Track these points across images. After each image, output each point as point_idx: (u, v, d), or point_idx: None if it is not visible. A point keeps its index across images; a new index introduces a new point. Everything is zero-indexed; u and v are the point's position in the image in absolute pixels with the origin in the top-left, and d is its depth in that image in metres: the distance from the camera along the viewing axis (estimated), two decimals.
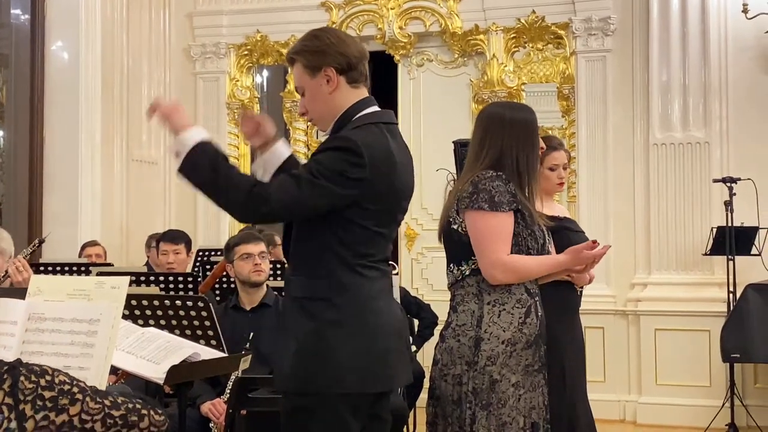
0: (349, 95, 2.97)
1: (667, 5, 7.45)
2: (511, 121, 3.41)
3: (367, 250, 2.90)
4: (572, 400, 4.22)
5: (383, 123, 2.96)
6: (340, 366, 2.83)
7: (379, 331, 2.89)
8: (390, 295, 3.01)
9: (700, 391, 7.15)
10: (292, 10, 8.49)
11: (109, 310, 2.52)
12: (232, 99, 8.66)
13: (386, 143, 2.90)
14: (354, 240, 2.87)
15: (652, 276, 7.46)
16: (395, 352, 2.94)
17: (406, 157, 3.03)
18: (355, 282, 2.87)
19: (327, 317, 2.85)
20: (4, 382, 1.67)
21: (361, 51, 3.01)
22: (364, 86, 3.01)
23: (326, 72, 2.94)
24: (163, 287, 5.07)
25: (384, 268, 2.97)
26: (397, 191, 2.94)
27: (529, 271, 3.31)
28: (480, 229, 3.26)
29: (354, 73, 2.97)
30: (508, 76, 8.01)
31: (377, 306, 2.91)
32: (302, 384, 2.87)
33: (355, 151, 2.80)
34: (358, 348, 2.84)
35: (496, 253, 3.23)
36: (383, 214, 2.91)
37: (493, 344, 3.23)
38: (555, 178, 4.52)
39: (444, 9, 8.17)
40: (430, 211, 7.99)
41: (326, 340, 2.84)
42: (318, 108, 3.00)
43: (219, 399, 4.57)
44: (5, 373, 1.68)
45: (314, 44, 2.98)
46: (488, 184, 3.27)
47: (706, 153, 7.33)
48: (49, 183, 7.78)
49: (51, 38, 7.86)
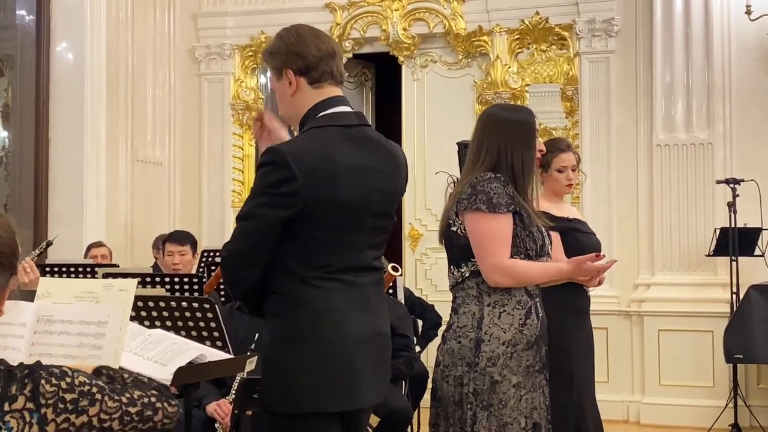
0: (310, 96, 2.85)
1: (671, 7, 7.46)
2: (507, 121, 3.41)
3: (321, 261, 2.75)
4: (580, 400, 4.24)
5: (338, 125, 2.82)
6: (297, 384, 2.73)
7: (339, 345, 2.74)
8: (362, 308, 2.82)
9: (704, 392, 7.16)
10: (297, 12, 8.50)
11: (116, 312, 2.55)
12: (236, 100, 8.67)
13: (324, 147, 2.75)
14: (303, 251, 2.74)
15: (656, 277, 7.48)
16: (361, 367, 2.78)
17: (372, 159, 2.86)
18: (310, 295, 2.74)
19: (282, 334, 2.76)
20: (25, 386, 1.65)
21: (322, 49, 2.86)
22: (330, 85, 2.87)
23: (287, 75, 2.85)
24: (169, 288, 5.08)
25: (352, 279, 2.80)
26: (346, 196, 2.75)
27: (530, 276, 3.31)
28: (480, 232, 3.27)
29: (314, 73, 2.84)
30: (511, 77, 8.03)
31: (337, 318, 2.75)
32: (267, 404, 2.82)
33: (282, 163, 2.69)
34: (314, 364, 2.72)
35: (497, 257, 3.24)
36: (335, 222, 2.75)
37: (493, 345, 3.24)
38: (563, 180, 4.53)
39: (448, 10, 8.19)
40: (433, 212, 8.00)
41: (283, 358, 2.75)
42: (285, 111, 2.94)
43: (224, 399, 4.59)
44: (26, 377, 1.66)
45: (276, 46, 2.90)
46: (486, 186, 3.28)
47: (710, 154, 7.34)
48: (54, 183, 7.81)
49: (56, 39, 7.88)
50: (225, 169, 8.63)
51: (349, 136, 2.83)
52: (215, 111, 8.69)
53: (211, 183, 8.66)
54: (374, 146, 2.91)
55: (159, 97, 8.54)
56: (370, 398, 2.88)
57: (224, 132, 8.64)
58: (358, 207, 2.79)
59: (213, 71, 8.72)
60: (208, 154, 8.69)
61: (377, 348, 2.88)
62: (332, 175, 2.73)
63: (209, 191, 8.66)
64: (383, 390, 2.95)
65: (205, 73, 8.75)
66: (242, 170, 8.69)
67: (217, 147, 8.64)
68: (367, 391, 2.83)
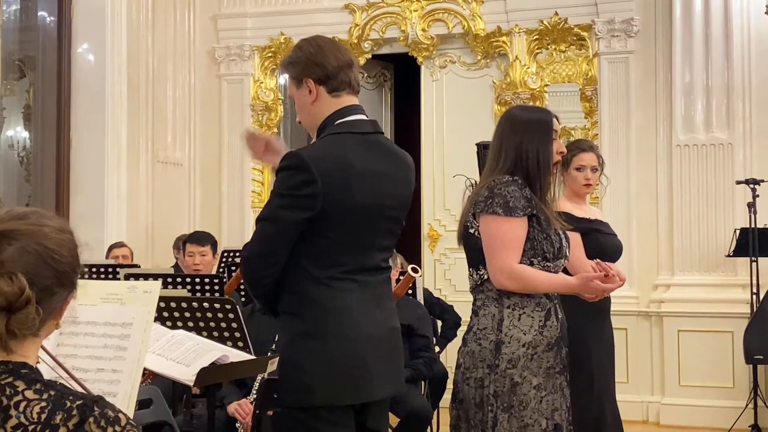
0: (329, 105, 2.97)
1: (690, 6, 7.44)
2: (523, 122, 3.42)
3: (333, 261, 2.86)
4: (600, 401, 4.24)
5: (353, 133, 2.94)
6: (309, 379, 2.83)
7: (349, 341, 2.86)
8: (373, 305, 2.94)
9: (724, 393, 7.14)
10: (316, 13, 8.54)
11: (141, 314, 2.58)
12: (256, 101, 8.71)
13: (342, 153, 2.88)
14: (319, 252, 2.86)
15: (675, 277, 7.47)
16: (372, 361, 2.89)
17: (385, 166, 2.98)
18: (324, 294, 2.85)
19: (295, 329, 2.87)
20: (71, 418, 1.60)
21: (341, 59, 2.99)
22: (348, 94, 3.00)
23: (307, 84, 2.97)
24: (190, 288, 5.12)
25: (364, 279, 2.92)
26: (361, 201, 2.87)
27: (536, 285, 3.29)
28: (492, 234, 3.27)
29: (333, 82, 2.97)
30: (530, 78, 8.03)
31: (348, 317, 2.86)
32: (281, 398, 2.90)
33: (302, 167, 2.81)
34: (325, 360, 2.83)
35: (505, 260, 3.24)
36: (350, 224, 2.87)
37: (513, 347, 3.25)
38: (581, 179, 4.52)
39: (467, 11, 8.19)
40: (452, 212, 8.00)
41: (296, 353, 2.86)
42: (304, 118, 3.05)
43: (245, 399, 4.62)
44: (75, 409, 1.61)
45: (296, 56, 3.02)
46: (504, 189, 3.29)
47: (729, 154, 7.32)
48: (75, 184, 7.86)
49: (77, 41, 7.94)
50: (245, 169, 8.66)
51: (365, 142, 2.96)
52: (235, 112, 8.73)
53: (231, 183, 8.69)
54: (387, 153, 3.06)
55: (179, 98, 8.58)
56: (382, 391, 2.98)
57: None
58: (372, 210, 2.92)
59: (232, 72, 8.76)
60: (228, 155, 8.73)
61: (389, 342, 3.00)
62: (348, 179, 2.86)
63: (229, 192, 8.69)
64: (397, 383, 3.06)
65: (225, 74, 8.78)
66: (261, 171, 8.72)
67: (237, 148, 8.67)
68: (378, 385, 2.94)
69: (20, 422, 1.61)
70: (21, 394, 1.64)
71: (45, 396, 1.64)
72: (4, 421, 1.62)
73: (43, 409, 1.62)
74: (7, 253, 1.66)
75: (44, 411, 1.62)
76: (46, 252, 1.70)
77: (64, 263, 1.73)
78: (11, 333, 1.66)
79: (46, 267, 1.69)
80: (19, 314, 1.65)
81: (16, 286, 1.64)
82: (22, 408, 1.62)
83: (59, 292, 1.73)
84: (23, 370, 1.67)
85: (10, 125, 8.10)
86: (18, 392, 1.64)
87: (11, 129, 8.13)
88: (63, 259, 1.72)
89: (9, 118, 8.02)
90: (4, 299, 1.64)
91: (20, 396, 1.64)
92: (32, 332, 1.69)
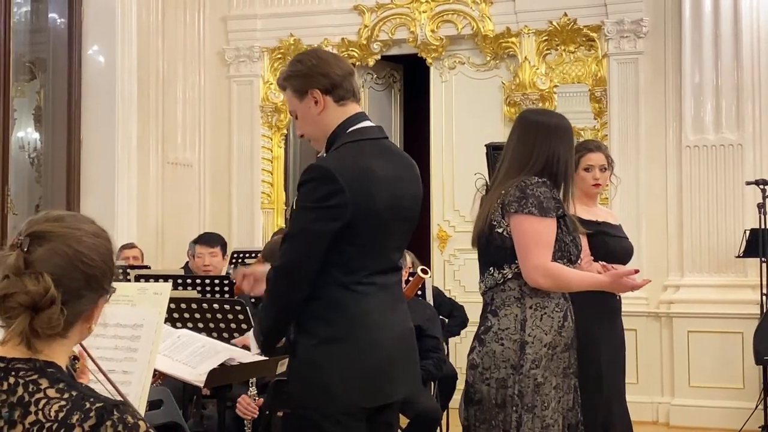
0: (337, 113, 3.00)
1: (700, 7, 7.43)
2: (552, 126, 3.47)
3: (359, 266, 2.90)
4: (608, 401, 4.25)
5: (368, 139, 2.99)
6: (332, 382, 2.85)
7: (373, 345, 2.89)
8: (390, 307, 2.99)
9: (733, 393, 7.13)
10: (325, 14, 8.55)
11: (151, 315, 2.59)
12: (265, 102, 8.73)
13: (362, 160, 2.91)
14: (346, 259, 2.88)
15: (685, 278, 7.45)
16: (390, 364, 2.93)
17: (397, 169, 3.03)
18: (349, 300, 2.88)
19: (320, 334, 2.88)
20: (87, 419, 1.60)
21: (344, 68, 3.04)
22: (352, 102, 3.03)
23: (312, 94, 2.98)
24: (200, 290, 5.13)
25: (382, 281, 2.96)
26: (381, 206, 2.91)
27: (569, 282, 3.35)
28: (526, 233, 3.30)
29: (339, 91, 3.00)
30: (540, 79, 8.02)
31: (371, 320, 2.90)
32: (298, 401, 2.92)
33: (328, 178, 2.84)
34: (349, 364, 2.86)
35: (540, 258, 3.27)
36: (373, 228, 2.90)
37: (536, 347, 3.28)
38: (590, 179, 4.54)
39: (476, 12, 8.19)
40: (462, 213, 8.01)
41: (319, 357, 2.87)
42: (310, 129, 3.06)
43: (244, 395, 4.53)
44: (94, 411, 1.61)
45: (298, 69, 3.04)
46: (536, 190, 3.32)
47: (739, 155, 7.30)
48: (86, 185, 7.89)
49: (87, 42, 7.96)
50: (254, 170, 8.68)
51: (379, 148, 3.01)
52: (245, 113, 8.75)
53: (241, 185, 8.71)
54: (397, 157, 3.10)
55: (189, 100, 8.60)
56: (399, 393, 3.02)
57: (253, 134, 8.70)
58: (391, 213, 2.95)
59: (242, 74, 8.78)
60: (237, 156, 8.75)
61: (406, 343, 3.05)
62: (370, 186, 2.89)
63: (239, 193, 8.71)
64: (412, 383, 3.10)
65: (235, 76, 8.80)
66: (271, 172, 8.74)
67: (247, 149, 8.70)
68: (395, 386, 2.98)
69: (38, 419, 1.63)
70: (43, 392, 1.66)
71: (66, 396, 1.66)
72: (24, 417, 1.64)
73: (62, 408, 1.64)
74: (37, 254, 1.70)
75: (62, 410, 1.64)
76: (76, 255, 1.73)
77: (95, 267, 1.75)
78: (35, 332, 1.69)
79: (75, 269, 1.72)
80: (43, 314, 1.68)
81: (41, 286, 1.67)
82: (42, 405, 1.64)
83: (88, 296, 1.76)
84: (49, 369, 1.70)
85: (21, 127, 8.13)
86: (40, 389, 1.66)
87: (22, 130, 8.15)
88: (93, 263, 1.75)
89: (20, 119, 8.05)
90: (29, 298, 1.67)
91: (42, 394, 1.66)
92: (56, 332, 1.71)
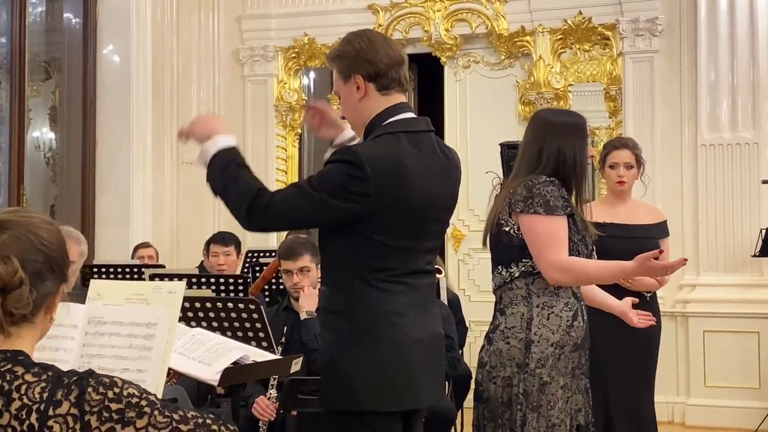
0: (378, 102, 2.88)
1: (715, 5, 7.40)
2: (564, 125, 3.43)
3: (383, 264, 2.80)
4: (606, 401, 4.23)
5: (406, 132, 2.85)
6: (355, 383, 2.78)
7: (398, 346, 2.80)
8: (420, 309, 2.89)
9: (750, 393, 7.10)
10: (340, 13, 8.55)
11: (166, 314, 2.59)
12: (280, 101, 8.73)
13: (397, 154, 2.80)
14: (368, 254, 2.79)
15: (701, 277, 7.42)
16: (419, 367, 2.83)
17: (435, 166, 2.91)
18: (372, 296, 2.79)
19: (342, 332, 2.81)
20: (71, 392, 1.69)
21: (392, 57, 2.89)
22: (397, 92, 2.91)
23: (355, 79, 2.87)
24: (214, 289, 5.14)
25: (413, 282, 2.86)
26: (413, 203, 2.81)
27: (588, 273, 3.31)
28: (537, 233, 3.27)
29: (383, 80, 2.87)
30: (554, 77, 8.00)
31: (397, 320, 2.80)
32: (327, 402, 2.87)
33: (357, 164, 2.72)
34: (372, 364, 2.77)
35: (554, 254, 3.24)
36: (400, 227, 2.80)
37: (542, 347, 3.26)
38: (614, 177, 4.55)
39: (490, 11, 8.18)
40: (476, 212, 8.00)
41: (341, 357, 2.81)
42: (349, 114, 2.97)
43: (262, 397, 4.54)
44: (73, 384, 1.70)
45: (345, 50, 2.92)
46: (542, 189, 3.29)
47: (755, 154, 7.27)
48: (101, 185, 7.93)
49: (102, 42, 8.00)
50: (268, 170, 8.68)
51: (417, 142, 2.87)
52: (259, 112, 8.75)
53: None
54: (438, 153, 2.96)
55: (203, 99, 8.62)
56: (427, 399, 2.94)
57: (268, 133, 8.70)
58: (422, 212, 2.85)
59: (256, 73, 8.78)
60: (251, 155, 8.74)
61: (434, 349, 2.95)
62: (402, 181, 2.78)
63: None
64: (439, 391, 3.04)
65: (249, 75, 8.80)
66: (285, 171, 8.74)
67: (261, 148, 8.70)
68: (424, 392, 2.89)
69: (24, 403, 1.69)
70: (21, 377, 1.72)
71: (44, 377, 1.72)
72: (8, 405, 1.69)
73: (44, 389, 1.70)
74: (1, 240, 1.78)
75: (45, 390, 1.70)
76: (37, 239, 1.81)
77: (54, 250, 1.83)
78: (8, 313, 1.76)
79: (37, 252, 1.80)
80: (13, 294, 1.75)
81: (10, 267, 1.75)
82: (24, 390, 1.70)
83: (50, 278, 1.83)
84: (20, 357, 1.76)
85: (36, 126, 8.16)
86: (18, 376, 1.72)
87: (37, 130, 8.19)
88: (52, 246, 1.83)
89: (35, 119, 8.08)
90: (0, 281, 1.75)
91: (21, 380, 1.71)
92: (27, 312, 1.78)
